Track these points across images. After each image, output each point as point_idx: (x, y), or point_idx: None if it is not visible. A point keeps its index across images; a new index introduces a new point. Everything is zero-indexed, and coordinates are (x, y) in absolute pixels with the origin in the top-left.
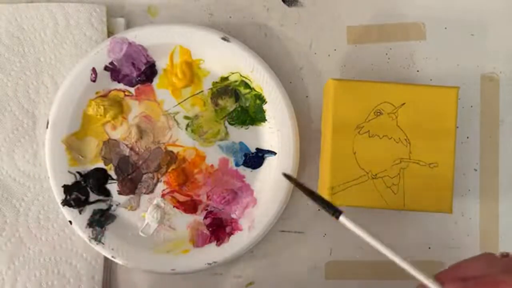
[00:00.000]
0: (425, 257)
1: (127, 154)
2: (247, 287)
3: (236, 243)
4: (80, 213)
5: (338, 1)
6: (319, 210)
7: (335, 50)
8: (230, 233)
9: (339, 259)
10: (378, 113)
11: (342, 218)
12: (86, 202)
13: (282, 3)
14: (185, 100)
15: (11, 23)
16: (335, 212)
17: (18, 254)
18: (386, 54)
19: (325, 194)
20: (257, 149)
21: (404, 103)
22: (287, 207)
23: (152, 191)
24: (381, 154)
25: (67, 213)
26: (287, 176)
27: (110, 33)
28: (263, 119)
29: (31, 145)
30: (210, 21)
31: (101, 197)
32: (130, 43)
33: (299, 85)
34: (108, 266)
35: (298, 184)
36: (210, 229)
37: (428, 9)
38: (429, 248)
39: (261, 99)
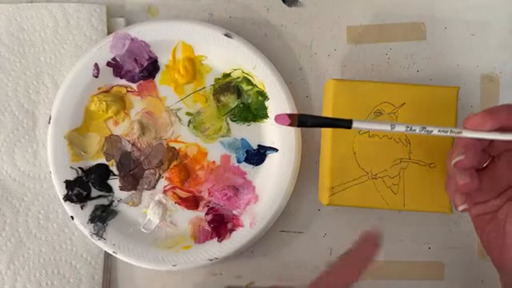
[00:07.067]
0: (425, 257)
1: (129, 150)
2: (247, 287)
3: (237, 239)
4: (82, 209)
5: (338, 1)
6: (319, 210)
7: (335, 50)
8: (232, 230)
9: None
10: (378, 113)
11: (355, 124)
12: (88, 197)
13: (282, 3)
14: (187, 96)
15: (11, 23)
16: (346, 122)
17: (18, 254)
18: (386, 54)
19: (325, 194)
20: (259, 145)
21: (404, 103)
22: (287, 207)
23: (153, 187)
24: (381, 154)
25: (69, 208)
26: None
27: (110, 33)
28: (265, 116)
29: (31, 145)
30: (210, 21)
31: (103, 193)
32: (132, 39)
33: (299, 85)
34: (108, 266)
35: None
36: (212, 225)
37: (428, 9)
38: (429, 248)
39: (263, 95)
